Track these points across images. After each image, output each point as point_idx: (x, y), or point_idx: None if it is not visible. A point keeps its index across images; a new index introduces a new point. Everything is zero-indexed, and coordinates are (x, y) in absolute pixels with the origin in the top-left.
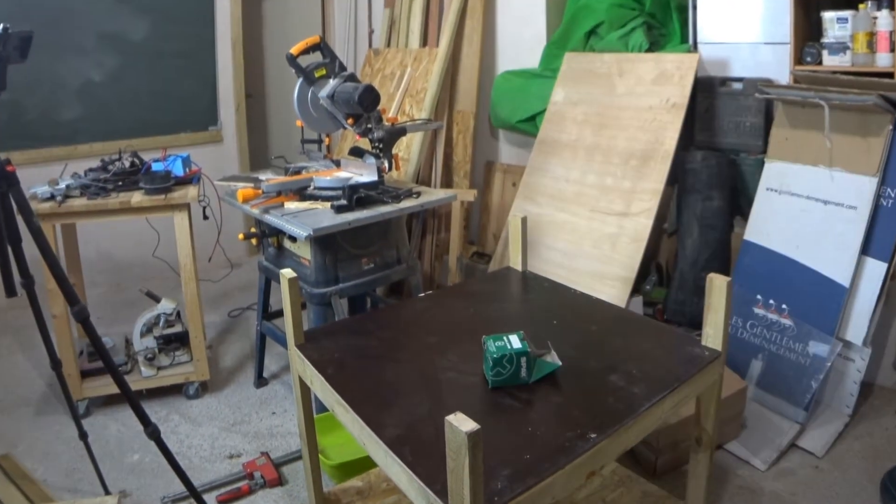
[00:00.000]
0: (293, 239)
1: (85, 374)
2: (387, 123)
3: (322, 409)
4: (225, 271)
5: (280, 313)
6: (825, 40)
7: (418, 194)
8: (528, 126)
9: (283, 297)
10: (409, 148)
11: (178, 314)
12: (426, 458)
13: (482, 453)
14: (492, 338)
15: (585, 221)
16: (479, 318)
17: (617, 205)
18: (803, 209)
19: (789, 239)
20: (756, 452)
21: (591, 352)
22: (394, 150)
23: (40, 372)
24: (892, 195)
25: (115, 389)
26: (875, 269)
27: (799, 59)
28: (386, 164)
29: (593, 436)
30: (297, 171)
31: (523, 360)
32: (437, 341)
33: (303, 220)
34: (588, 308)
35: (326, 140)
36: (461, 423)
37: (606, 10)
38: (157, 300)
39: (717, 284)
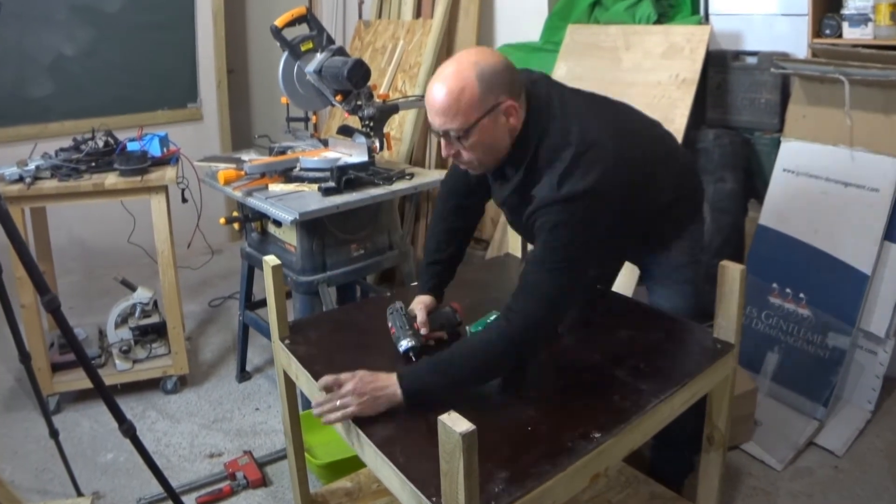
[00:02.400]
0: (278, 223)
1: (56, 368)
2: (378, 100)
3: (308, 405)
4: (205, 258)
5: (264, 303)
6: (845, 11)
7: (411, 176)
8: None
9: (267, 286)
10: (401, 126)
11: (155, 304)
12: (418, 460)
13: (478, 455)
14: (474, 325)
15: None
16: (476, 309)
17: None
18: (822, 191)
19: (807, 223)
20: (771, 451)
21: (594, 345)
22: (385, 129)
23: (8, 366)
24: None
25: (87, 384)
26: None
27: (817, 31)
28: (377, 144)
29: (597, 435)
30: (282, 152)
31: None
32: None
33: (288, 203)
34: (592, 297)
35: (313, 118)
36: (455, 423)
37: None
38: (133, 289)
39: (731, 272)
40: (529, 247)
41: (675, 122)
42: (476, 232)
